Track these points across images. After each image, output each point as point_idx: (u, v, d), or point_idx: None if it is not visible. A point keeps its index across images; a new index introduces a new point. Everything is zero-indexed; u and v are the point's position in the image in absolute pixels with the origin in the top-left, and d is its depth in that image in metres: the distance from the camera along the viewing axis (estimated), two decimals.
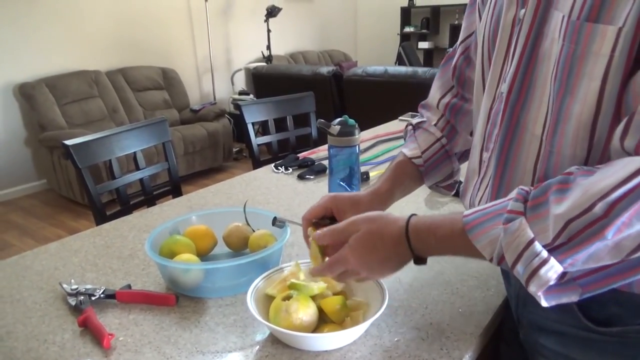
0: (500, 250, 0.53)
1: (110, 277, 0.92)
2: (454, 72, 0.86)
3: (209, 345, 0.73)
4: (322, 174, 1.49)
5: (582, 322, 0.61)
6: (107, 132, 1.46)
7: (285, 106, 2.03)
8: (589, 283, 0.52)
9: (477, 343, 0.72)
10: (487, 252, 0.55)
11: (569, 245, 0.49)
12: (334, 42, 6.77)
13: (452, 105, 0.87)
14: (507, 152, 0.64)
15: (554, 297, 0.53)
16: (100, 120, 3.92)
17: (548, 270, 0.50)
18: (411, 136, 0.91)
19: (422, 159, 0.86)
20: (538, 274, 0.50)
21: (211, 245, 0.97)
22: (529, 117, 0.60)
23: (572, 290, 0.53)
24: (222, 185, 1.43)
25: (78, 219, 3.44)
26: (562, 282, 0.52)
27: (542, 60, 0.58)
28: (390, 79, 3.43)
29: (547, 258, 0.50)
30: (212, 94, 5.10)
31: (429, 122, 0.90)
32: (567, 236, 0.48)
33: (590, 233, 0.47)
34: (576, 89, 0.53)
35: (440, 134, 0.88)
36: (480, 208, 0.58)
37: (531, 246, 0.50)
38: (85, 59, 4.08)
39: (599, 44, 0.50)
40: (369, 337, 0.73)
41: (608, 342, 0.60)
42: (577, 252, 0.48)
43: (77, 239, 1.10)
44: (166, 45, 4.68)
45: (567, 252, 0.49)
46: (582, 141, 0.54)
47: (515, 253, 0.52)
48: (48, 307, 0.83)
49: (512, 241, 0.52)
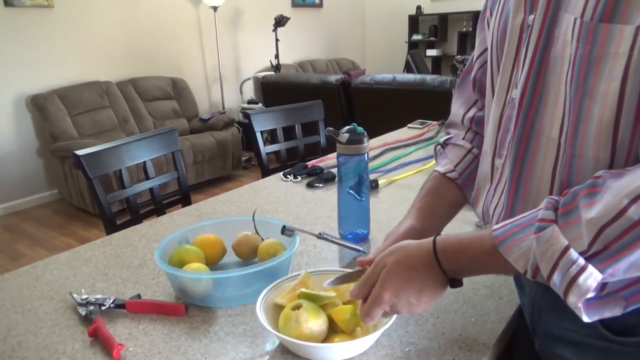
0: (535, 260, 0.52)
1: (120, 287, 0.92)
2: (474, 85, 0.85)
3: (218, 355, 0.72)
4: (331, 182, 1.48)
5: (600, 331, 0.59)
6: (118, 142, 1.48)
7: (293, 114, 2.03)
8: (632, 294, 0.51)
9: (491, 353, 0.71)
10: (520, 265, 0.54)
11: (607, 253, 0.47)
12: (342, 50, 6.80)
13: (477, 118, 0.86)
14: (522, 157, 0.63)
15: (595, 311, 0.51)
16: (111, 130, 3.95)
17: (587, 277, 0.48)
18: (442, 154, 0.89)
19: (456, 172, 0.84)
20: (577, 283, 0.49)
21: (220, 254, 0.97)
22: (544, 121, 0.60)
23: (614, 303, 0.52)
24: (231, 194, 1.44)
25: (89, 229, 3.47)
26: (602, 295, 0.51)
27: (554, 64, 0.57)
28: (398, 86, 3.43)
29: (584, 265, 0.48)
30: (221, 103, 5.14)
31: (457, 137, 0.88)
32: (603, 243, 0.47)
33: (628, 240, 0.46)
34: (595, 90, 0.53)
35: (471, 145, 0.86)
36: (509, 221, 0.57)
37: (567, 253, 0.49)
38: (96, 70, 4.13)
39: (616, 43, 0.50)
40: (380, 347, 0.72)
41: (627, 353, 0.58)
42: (617, 261, 0.47)
43: (87, 248, 1.10)
44: (176, 56, 4.73)
45: (606, 260, 0.48)
46: (604, 143, 0.53)
47: (551, 262, 0.50)
48: (59, 317, 0.84)
49: (546, 250, 0.51)
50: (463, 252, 0.61)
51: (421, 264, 0.63)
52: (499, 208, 0.69)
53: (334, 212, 1.19)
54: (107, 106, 4.01)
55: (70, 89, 3.84)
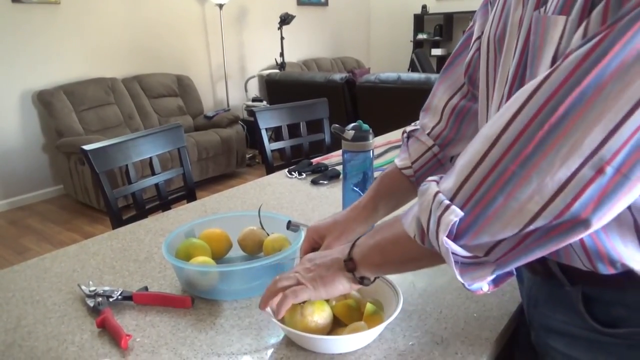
0: (419, 220, 0.56)
1: (127, 280, 0.94)
2: (467, 68, 0.83)
3: (224, 347, 0.73)
4: (336, 179, 1.49)
5: (589, 323, 0.60)
6: (124, 138, 1.49)
7: (298, 112, 2.04)
8: (499, 256, 0.52)
9: (492, 348, 0.72)
10: (411, 229, 0.57)
11: (474, 199, 0.50)
12: (347, 49, 6.80)
13: (460, 108, 0.85)
14: None
15: (468, 275, 0.54)
16: (116, 127, 3.98)
17: (450, 214, 0.51)
18: (404, 145, 0.91)
19: (412, 169, 0.86)
20: (442, 220, 0.51)
21: (226, 248, 0.98)
22: None
23: (484, 267, 0.53)
24: (236, 190, 1.45)
25: (94, 224, 3.49)
26: (479, 260, 0.53)
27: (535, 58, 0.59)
28: (403, 85, 3.43)
29: (448, 205, 0.51)
30: (225, 100, 5.15)
31: (423, 129, 0.89)
32: (469, 191, 0.50)
33: (489, 184, 0.49)
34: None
35: (432, 142, 0.86)
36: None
37: (437, 197, 0.53)
38: (102, 66, 4.15)
39: (551, 33, 0.52)
40: (384, 341, 0.73)
41: (615, 344, 0.59)
42: (483, 206, 0.49)
43: (94, 242, 1.12)
44: (181, 53, 4.74)
45: (474, 208, 0.50)
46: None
47: (427, 211, 0.54)
48: (67, 308, 0.85)
49: (423, 201, 0.55)
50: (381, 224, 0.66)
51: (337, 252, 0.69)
52: None
53: (338, 208, 1.20)
54: (112, 102, 4.03)
55: (76, 85, 3.87)
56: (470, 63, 0.83)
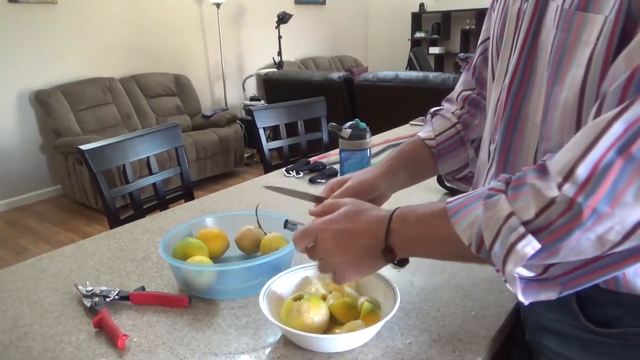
0: (480, 230, 0.52)
1: (125, 280, 0.94)
2: (474, 72, 0.87)
3: (221, 346, 0.73)
4: (333, 177, 1.49)
5: (582, 322, 0.60)
6: (121, 137, 1.49)
7: (296, 111, 2.04)
8: (569, 280, 0.52)
9: (490, 346, 0.72)
10: (466, 236, 0.54)
11: (549, 230, 0.47)
12: (345, 47, 6.80)
13: (471, 98, 0.88)
14: (509, 142, 0.64)
15: (532, 293, 0.52)
16: (114, 127, 3.97)
17: (525, 245, 0.48)
18: (428, 122, 0.92)
19: (435, 141, 0.86)
20: (515, 250, 0.48)
21: (223, 247, 0.98)
22: (530, 107, 0.61)
23: (551, 288, 0.52)
24: (233, 189, 1.45)
25: (92, 224, 3.49)
26: (541, 278, 0.52)
27: (540, 51, 0.59)
28: (401, 84, 3.43)
29: (524, 233, 0.48)
30: (223, 100, 5.15)
31: (447, 110, 0.90)
32: (547, 220, 0.47)
33: (567, 219, 0.46)
34: (565, 76, 0.54)
35: (457, 120, 0.88)
36: (465, 194, 0.57)
37: (509, 220, 0.49)
38: (100, 66, 4.15)
39: (588, 32, 0.51)
40: (381, 339, 0.73)
41: (608, 344, 0.59)
42: (557, 240, 0.47)
43: (92, 242, 1.11)
44: (179, 53, 4.74)
45: (547, 238, 0.47)
46: (569, 128, 0.55)
47: (495, 229, 0.50)
48: (64, 308, 0.85)
49: (491, 216, 0.51)
50: (415, 210, 0.60)
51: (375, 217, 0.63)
52: None
53: None
54: (110, 102, 4.02)
55: (74, 85, 3.86)
56: (476, 66, 0.85)
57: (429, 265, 0.93)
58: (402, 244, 0.61)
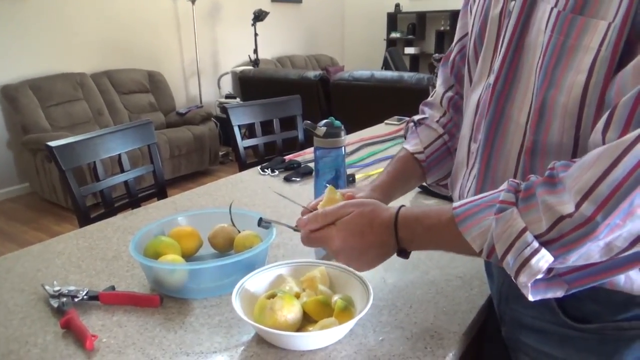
0: (491, 241, 0.53)
1: (94, 279, 0.91)
2: (452, 68, 0.87)
3: (193, 346, 0.72)
4: (309, 176, 1.49)
5: (561, 318, 0.62)
6: (92, 134, 1.45)
7: (272, 109, 2.03)
8: (575, 279, 0.53)
9: (461, 341, 0.73)
10: (477, 244, 0.55)
11: (561, 242, 0.49)
12: (321, 46, 6.80)
13: (454, 101, 0.89)
14: (492, 141, 0.65)
15: (540, 291, 0.53)
16: (85, 123, 3.87)
17: (539, 259, 0.50)
18: (413, 132, 0.91)
19: (424, 154, 0.87)
20: (529, 264, 0.50)
21: (196, 246, 0.96)
22: (514, 107, 0.61)
23: (558, 286, 0.54)
24: (207, 188, 1.43)
25: (61, 223, 3.40)
26: (548, 277, 0.53)
27: (527, 51, 0.59)
28: (376, 83, 3.46)
29: (538, 248, 0.50)
30: (198, 97, 5.08)
31: (432, 118, 0.91)
32: (559, 233, 0.49)
33: (581, 234, 0.47)
34: (561, 80, 0.54)
35: (442, 130, 0.88)
36: (470, 200, 0.58)
37: (523, 236, 0.50)
38: (70, 61, 4.04)
39: (589, 37, 0.51)
40: (354, 337, 0.73)
41: (586, 339, 0.61)
42: (569, 252, 0.49)
43: (60, 241, 1.08)
44: (152, 48, 4.65)
45: (559, 249, 0.49)
46: (568, 130, 0.55)
47: (507, 243, 0.52)
48: (30, 309, 0.82)
49: (504, 231, 0.52)
50: (421, 220, 0.62)
51: (380, 224, 0.64)
52: (471, 192, 0.71)
53: None
54: (81, 98, 3.93)
55: (43, 80, 3.75)
56: (454, 63, 0.86)
57: (402, 263, 0.93)
58: (413, 248, 0.64)
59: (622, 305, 0.58)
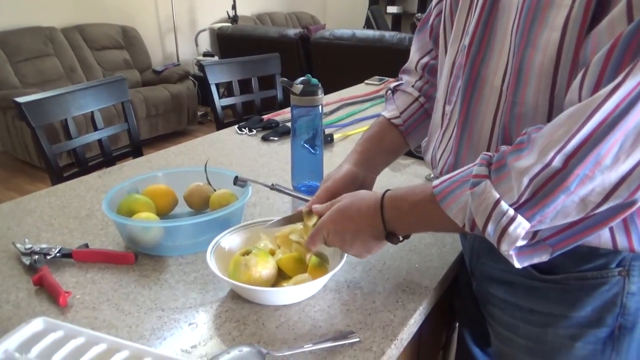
0: (471, 215, 0.55)
1: (67, 237, 0.90)
2: (431, 32, 0.86)
3: (168, 301, 0.73)
4: (286, 135, 1.48)
5: (528, 270, 0.64)
6: (62, 90, 1.40)
7: (250, 67, 1.99)
8: (558, 242, 0.55)
9: (432, 296, 0.75)
10: (459, 219, 0.57)
11: (534, 200, 0.50)
12: (302, 3, 6.60)
13: (430, 66, 0.88)
14: (468, 103, 0.65)
15: (526, 258, 0.55)
16: (57, 80, 3.74)
17: (516, 227, 0.51)
18: (390, 99, 0.91)
19: (401, 118, 0.87)
20: (507, 232, 0.52)
21: (171, 204, 0.96)
22: (489, 69, 0.61)
23: (542, 250, 0.55)
24: (184, 147, 1.41)
25: (35, 183, 3.33)
26: (532, 242, 0.55)
27: (502, 13, 0.59)
28: (358, 43, 3.39)
29: (514, 216, 0.51)
30: (175, 54, 4.93)
31: (407, 84, 0.90)
32: (531, 192, 0.50)
33: (552, 185, 0.49)
34: (537, 39, 0.54)
35: (418, 94, 0.88)
36: (448, 177, 0.59)
37: (498, 206, 0.52)
38: (38, 14, 3.84)
39: None
40: (328, 292, 0.75)
41: (551, 289, 0.64)
42: (544, 207, 0.50)
43: (31, 199, 1.06)
44: (126, 1, 4.45)
45: (533, 207, 0.51)
46: (544, 91, 0.56)
47: (485, 215, 0.53)
48: (1, 266, 0.81)
49: (480, 204, 0.54)
50: (406, 198, 0.64)
51: (367, 207, 0.66)
52: (446, 153, 0.71)
53: (288, 165, 1.19)
54: (51, 54, 3.77)
55: (9, 34, 3.57)
56: (432, 26, 0.84)
57: None
58: (401, 229, 0.66)
59: (587, 256, 0.60)
